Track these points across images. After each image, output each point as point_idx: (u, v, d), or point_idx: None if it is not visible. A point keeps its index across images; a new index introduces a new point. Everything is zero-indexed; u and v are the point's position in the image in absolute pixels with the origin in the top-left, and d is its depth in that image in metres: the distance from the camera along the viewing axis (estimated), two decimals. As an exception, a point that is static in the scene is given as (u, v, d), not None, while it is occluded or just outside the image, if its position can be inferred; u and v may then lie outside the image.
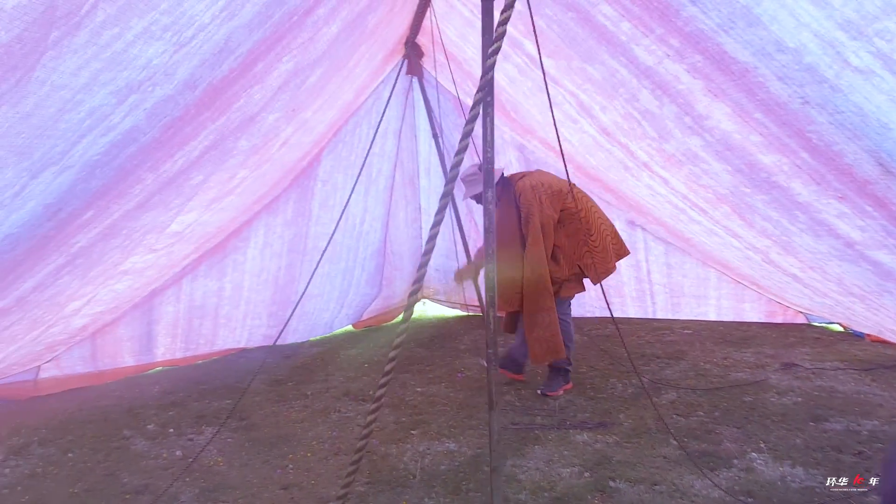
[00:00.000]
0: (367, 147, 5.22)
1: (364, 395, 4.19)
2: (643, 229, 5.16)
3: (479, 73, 4.07)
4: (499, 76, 4.10)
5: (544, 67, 3.55)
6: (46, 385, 4.30)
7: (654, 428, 3.31)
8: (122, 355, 4.66)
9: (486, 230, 2.55)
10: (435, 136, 4.69)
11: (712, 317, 5.35)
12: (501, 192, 3.85)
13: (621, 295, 5.61)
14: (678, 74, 2.79)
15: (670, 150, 3.32)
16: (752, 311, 5.15)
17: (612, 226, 4.00)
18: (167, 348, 4.90)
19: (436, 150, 5.15)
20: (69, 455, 3.38)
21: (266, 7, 2.49)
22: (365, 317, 6.20)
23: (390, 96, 4.68)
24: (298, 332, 5.59)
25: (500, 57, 3.81)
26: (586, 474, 2.88)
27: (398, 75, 4.83)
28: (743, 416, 3.41)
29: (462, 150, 1.61)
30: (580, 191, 4.01)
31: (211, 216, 3.98)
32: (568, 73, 3.46)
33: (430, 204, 6.22)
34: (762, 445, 3.06)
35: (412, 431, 3.51)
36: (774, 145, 2.62)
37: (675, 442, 3.08)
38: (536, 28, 3.31)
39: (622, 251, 3.99)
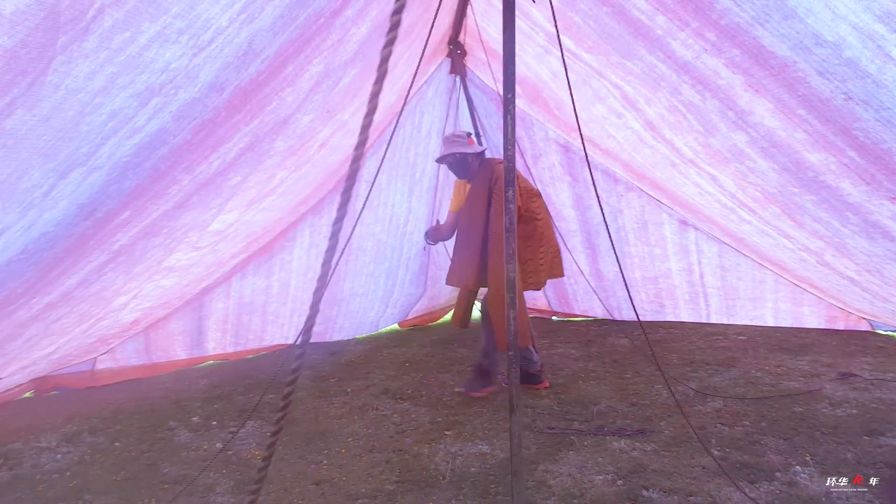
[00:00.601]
0: (411, 147, 5.26)
1: (402, 393, 4.20)
2: (695, 229, 4.94)
3: (522, 68, 4.01)
4: (542, 71, 4.02)
5: (587, 61, 3.49)
6: (102, 376, 4.54)
7: (695, 437, 3.16)
8: (175, 349, 4.86)
9: (507, 230, 2.51)
10: (477, 135, 4.65)
11: (769, 321, 5.06)
12: (477, 170, 3.90)
13: (673, 297, 5.40)
14: (717, 69, 2.66)
15: (716, 145, 3.17)
16: (812, 316, 4.83)
17: (558, 248, 4.11)
18: (217, 343, 5.08)
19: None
20: (116, 444, 3.54)
21: (288, 10, 2.52)
22: (410, 316, 6.23)
23: (433, 96, 4.68)
24: (344, 330, 5.68)
25: (540, 51, 3.78)
26: (619, 482, 2.77)
27: (441, 75, 4.82)
28: (791, 428, 3.20)
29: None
30: (544, 203, 4.08)
31: (254, 216, 4.09)
32: (609, 67, 3.36)
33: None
34: (808, 459, 2.86)
35: (446, 432, 3.49)
36: (820, 143, 2.46)
37: (713, 452, 2.93)
38: (574, 24, 3.25)
39: (557, 272, 4.06)
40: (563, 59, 2.64)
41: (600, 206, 2.70)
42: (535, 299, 6.21)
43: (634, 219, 5.21)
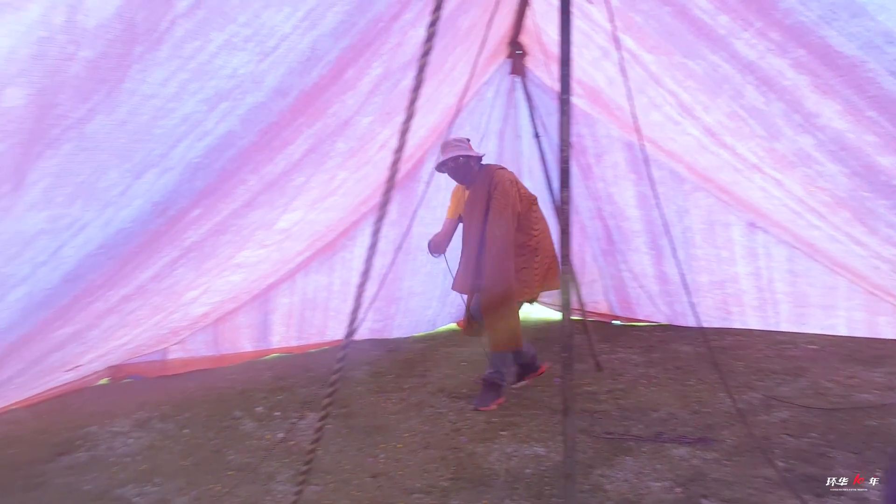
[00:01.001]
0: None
1: (458, 392, 4.23)
2: (764, 232, 4.76)
3: (578, 73, 3.99)
4: (598, 75, 3.99)
5: (647, 62, 3.43)
6: (173, 366, 4.78)
7: (758, 447, 3.06)
8: (241, 341, 5.07)
9: (563, 231, 2.50)
10: (537, 135, 4.62)
11: (842, 331, 4.81)
12: (476, 175, 3.87)
13: (741, 304, 5.22)
14: (782, 70, 2.58)
15: (781, 149, 3.06)
16: (889, 327, 4.56)
17: (555, 257, 3.96)
18: (282, 336, 5.26)
19: (538, 150, 5.08)
20: (184, 431, 3.72)
21: (349, 15, 2.60)
22: (467, 316, 6.25)
23: (493, 97, 4.69)
24: (402, 328, 5.77)
25: (598, 55, 3.74)
26: (677, 490, 2.72)
27: (501, 76, 4.82)
28: (861, 441, 3.05)
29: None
30: (541, 212, 4.02)
31: (317, 215, 4.22)
32: (669, 69, 3.30)
33: (534, 204, 6.14)
34: (880, 474, 2.72)
35: (501, 433, 3.50)
36: (892, 146, 2.34)
37: (777, 463, 2.82)
38: (634, 24, 3.21)
39: (552, 284, 3.93)
40: (622, 64, 2.61)
41: (658, 206, 2.65)
42: (596, 303, 6.11)
43: (701, 219, 5.06)
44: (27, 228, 2.07)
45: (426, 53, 1.26)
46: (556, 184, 4.32)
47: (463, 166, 3.88)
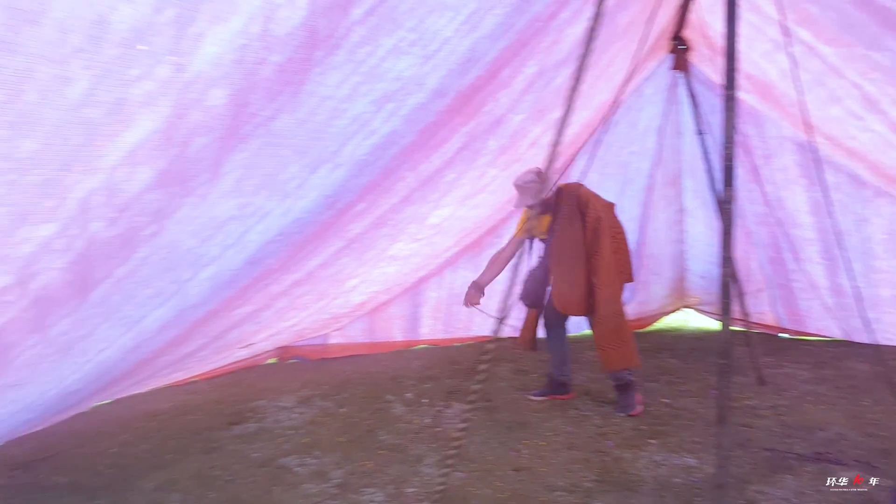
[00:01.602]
0: (625, 146, 5.15)
1: (604, 396, 4.15)
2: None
3: (747, 67, 3.75)
4: (770, 69, 3.72)
5: (825, 54, 3.16)
6: (332, 350, 5.18)
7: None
8: (393, 331, 5.36)
9: (725, 231, 2.39)
10: (700, 132, 4.40)
11: None
12: (556, 200, 3.81)
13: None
14: None
15: None
16: None
17: (629, 253, 4.02)
18: (430, 329, 5.48)
19: (700, 148, 4.83)
20: (341, 410, 4.01)
21: (507, 17, 2.66)
22: (617, 321, 6.08)
23: (652, 93, 4.54)
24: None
25: (770, 48, 3.50)
26: (843, 515, 2.51)
27: (661, 71, 4.64)
28: None
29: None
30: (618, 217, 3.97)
31: (466, 211, 4.35)
32: (850, 62, 3.01)
33: (695, 206, 5.83)
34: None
35: (650, 440, 3.40)
36: None
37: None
38: (810, 16, 2.97)
39: (629, 278, 3.99)
40: (794, 56, 2.43)
41: (830, 214, 2.42)
42: (762, 314, 5.67)
43: (884, 229, 4.56)
44: (219, 214, 2.36)
45: (585, 55, 1.27)
46: (719, 183, 4.11)
47: (540, 204, 3.89)
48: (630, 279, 4.03)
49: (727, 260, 2.28)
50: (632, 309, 6.04)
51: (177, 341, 3.26)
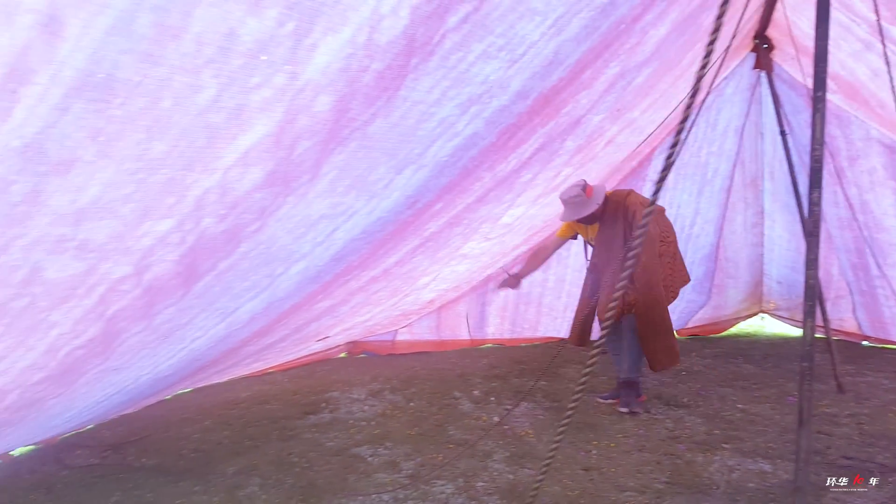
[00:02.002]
0: (703, 146, 5.05)
1: (676, 401, 4.11)
2: None
3: (834, 67, 3.62)
4: (859, 68, 3.59)
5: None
6: (400, 346, 5.32)
7: None
8: (460, 329, 5.43)
9: (810, 234, 2.35)
10: (783, 133, 4.28)
11: None
12: (602, 209, 3.82)
13: None
14: None
15: None
16: None
17: (680, 255, 4.11)
18: (497, 328, 5.53)
19: (783, 149, 4.70)
20: (411, 404, 4.11)
21: (592, 20, 2.66)
22: (690, 324, 5.95)
23: (732, 92, 4.44)
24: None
25: (860, 47, 3.38)
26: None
27: (743, 71, 4.53)
28: None
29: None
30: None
31: (538, 210, 4.37)
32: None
33: (774, 208, 5.66)
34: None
35: (724, 445, 3.37)
36: None
37: None
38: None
39: (686, 278, 4.10)
40: (886, 55, 2.33)
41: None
42: (842, 321, 5.46)
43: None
44: (313, 213, 2.47)
45: (709, 54, 1.29)
46: (802, 185, 3.99)
47: (588, 216, 3.90)
48: (685, 280, 4.08)
49: (813, 262, 2.23)
50: (706, 313, 5.94)
51: (262, 332, 3.42)
